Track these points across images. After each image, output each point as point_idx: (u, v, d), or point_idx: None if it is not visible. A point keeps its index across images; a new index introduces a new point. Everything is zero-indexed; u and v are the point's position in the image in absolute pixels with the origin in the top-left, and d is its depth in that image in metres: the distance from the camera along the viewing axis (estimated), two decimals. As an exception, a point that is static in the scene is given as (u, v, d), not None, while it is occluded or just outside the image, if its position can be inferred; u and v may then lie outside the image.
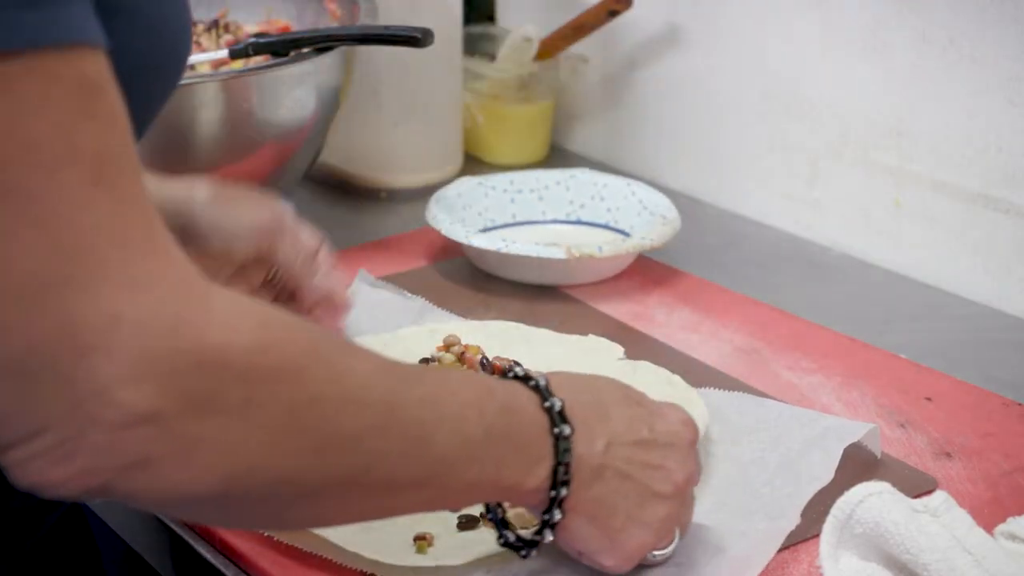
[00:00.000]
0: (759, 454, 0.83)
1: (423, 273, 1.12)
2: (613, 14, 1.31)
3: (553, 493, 0.64)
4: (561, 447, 0.64)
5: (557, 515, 0.65)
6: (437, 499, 0.62)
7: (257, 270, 0.86)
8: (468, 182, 1.18)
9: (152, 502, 0.54)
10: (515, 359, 0.87)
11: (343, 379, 0.56)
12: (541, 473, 0.63)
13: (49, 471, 0.50)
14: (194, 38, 1.25)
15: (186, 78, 1.04)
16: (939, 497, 0.73)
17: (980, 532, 0.72)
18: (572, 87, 1.43)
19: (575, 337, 0.93)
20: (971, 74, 1.08)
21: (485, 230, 1.16)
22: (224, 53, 1.09)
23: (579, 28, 1.34)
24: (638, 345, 1.01)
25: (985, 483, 0.84)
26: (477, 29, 1.45)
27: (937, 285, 1.13)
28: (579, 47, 1.38)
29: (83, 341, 0.48)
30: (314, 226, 1.25)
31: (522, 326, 0.96)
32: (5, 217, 0.47)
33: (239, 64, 1.10)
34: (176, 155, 1.02)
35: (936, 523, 0.71)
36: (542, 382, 0.65)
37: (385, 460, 0.57)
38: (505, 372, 0.66)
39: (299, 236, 0.87)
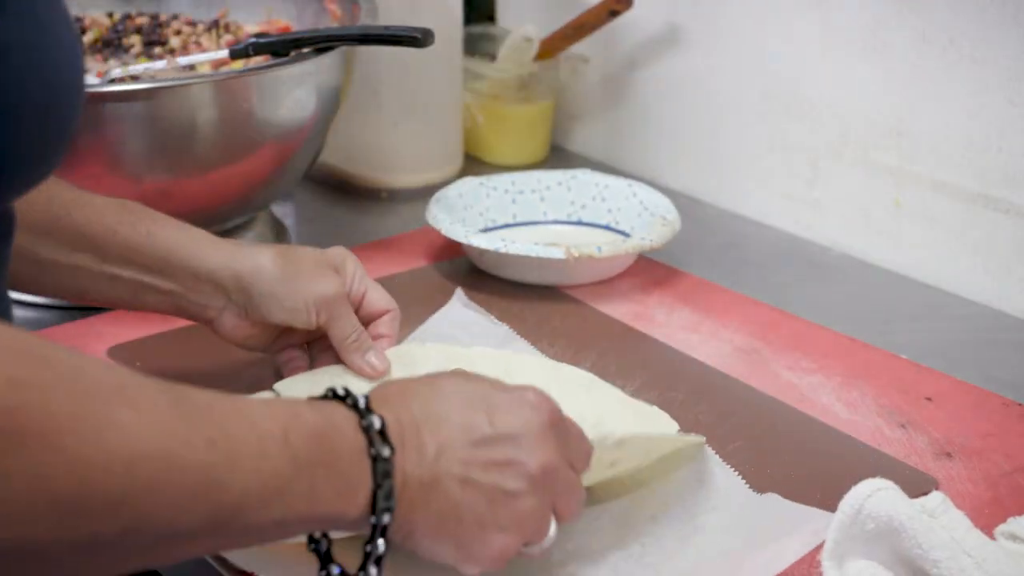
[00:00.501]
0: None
1: (423, 273, 1.12)
2: (614, 14, 1.31)
3: (374, 520, 0.58)
4: (380, 469, 0.58)
5: (380, 546, 0.59)
6: (238, 541, 0.57)
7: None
8: (469, 182, 1.18)
9: None
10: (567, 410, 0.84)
11: (107, 434, 0.49)
12: (361, 501, 0.58)
13: None
14: (194, 38, 1.25)
15: (186, 78, 1.04)
16: (936, 498, 0.73)
17: (978, 533, 0.72)
18: (572, 87, 1.43)
19: (639, 403, 0.87)
20: (971, 74, 1.08)
21: (486, 230, 1.16)
22: (224, 53, 1.09)
23: (579, 28, 1.34)
24: (639, 346, 1.01)
25: (986, 483, 0.84)
26: (477, 29, 1.45)
27: (937, 285, 1.13)
28: (579, 47, 1.38)
29: None
30: (314, 227, 1.26)
31: (595, 379, 0.89)
32: None
33: (239, 64, 1.10)
34: (176, 155, 1.02)
35: (936, 524, 0.71)
36: (361, 401, 0.59)
37: (161, 515, 0.51)
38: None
39: (367, 301, 0.88)
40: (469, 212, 1.16)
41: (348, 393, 0.60)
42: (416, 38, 1.06)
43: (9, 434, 0.46)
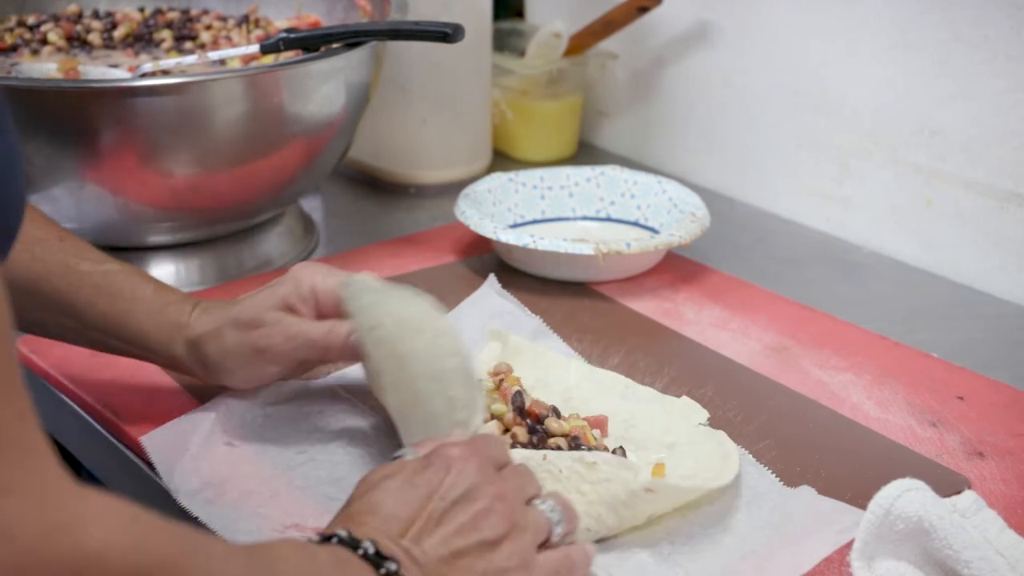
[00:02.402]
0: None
1: (452, 269, 1.12)
2: (642, 10, 1.31)
3: None
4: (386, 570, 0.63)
5: None
6: None
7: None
8: (498, 178, 1.18)
9: None
10: (600, 411, 0.87)
11: (211, 567, 0.54)
12: None
13: None
14: (224, 33, 1.25)
15: (216, 73, 1.04)
16: (968, 497, 0.73)
17: (1011, 533, 0.71)
18: (601, 83, 1.43)
19: (668, 397, 0.89)
20: (1004, 71, 1.07)
21: (514, 226, 1.16)
22: (255, 48, 1.10)
23: (608, 24, 1.34)
24: (668, 343, 1.00)
25: (1018, 483, 0.83)
26: (506, 25, 1.45)
27: (969, 284, 1.13)
28: (608, 43, 1.37)
29: None
30: (342, 221, 1.26)
31: (630, 382, 0.90)
32: None
33: (269, 59, 1.11)
34: (206, 150, 1.02)
35: (967, 523, 0.71)
36: (344, 534, 0.64)
37: None
38: (538, 419, 0.68)
39: (320, 305, 0.85)
40: (498, 208, 1.16)
41: (333, 534, 0.64)
42: (446, 34, 1.06)
43: (143, 567, 0.49)
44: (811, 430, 0.89)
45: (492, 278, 1.05)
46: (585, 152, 1.42)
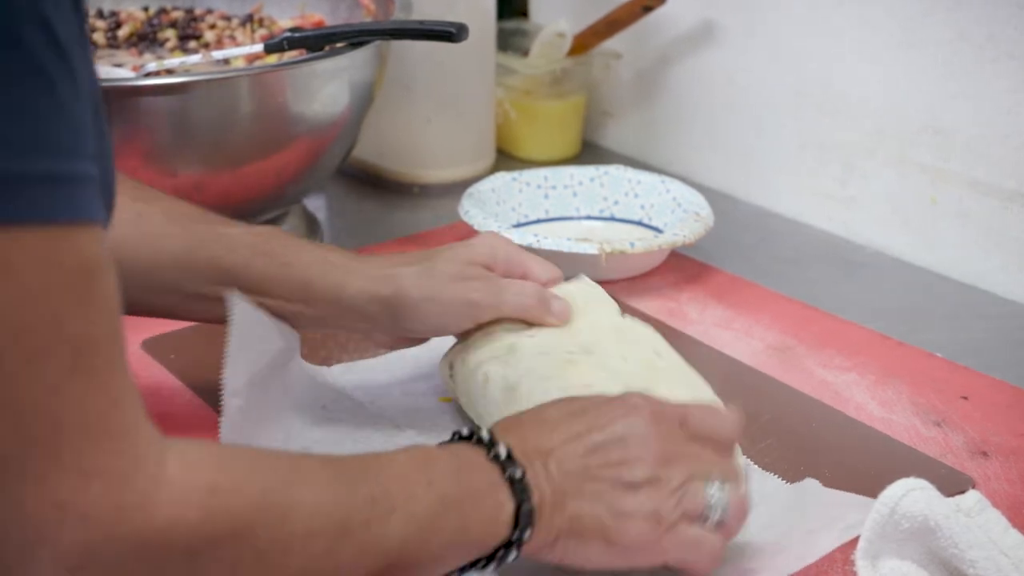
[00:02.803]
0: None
1: (455, 268, 1.12)
2: (647, 10, 1.31)
3: (516, 535, 0.64)
4: (517, 488, 0.64)
5: (511, 557, 0.64)
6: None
7: None
8: (502, 177, 1.18)
9: None
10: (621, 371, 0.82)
11: (291, 518, 0.56)
12: (505, 518, 0.64)
13: None
14: (228, 32, 1.25)
15: (221, 72, 1.04)
16: (972, 497, 0.73)
17: (1015, 533, 0.71)
18: (605, 83, 1.43)
19: (698, 381, 0.85)
20: (1009, 71, 1.07)
21: (518, 225, 1.16)
22: (259, 48, 1.10)
23: (612, 24, 1.34)
24: (671, 342, 1.00)
25: (1023, 483, 0.83)
26: (510, 24, 1.45)
27: (973, 283, 1.13)
28: (612, 43, 1.37)
29: (30, 533, 0.48)
30: (346, 221, 1.26)
31: (660, 345, 0.86)
32: None
33: (273, 58, 1.11)
34: (210, 149, 1.02)
35: (972, 523, 0.71)
36: (485, 435, 0.66)
37: (340, 572, 0.58)
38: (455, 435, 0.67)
39: (530, 278, 0.85)
40: (502, 207, 1.16)
41: (471, 433, 0.66)
42: (450, 33, 1.06)
43: (211, 538, 0.51)
44: (814, 430, 0.89)
45: None
46: (589, 152, 1.42)
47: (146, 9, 1.29)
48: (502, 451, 0.65)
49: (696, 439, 0.70)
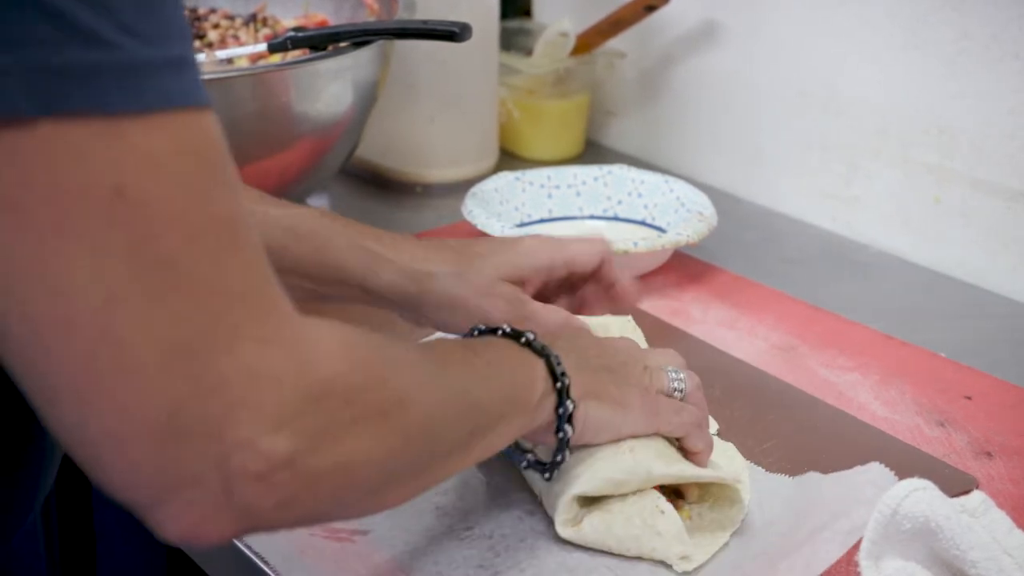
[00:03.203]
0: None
1: (459, 268, 1.12)
2: (650, 9, 1.31)
3: (559, 384, 0.71)
4: (543, 351, 0.71)
5: (569, 406, 0.71)
6: (489, 446, 0.68)
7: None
8: (505, 177, 1.18)
9: (280, 527, 0.57)
10: None
11: (415, 371, 0.61)
12: (541, 373, 0.71)
13: (197, 525, 0.52)
14: (232, 32, 1.25)
15: (224, 72, 1.04)
16: (977, 498, 0.72)
17: (1020, 534, 0.71)
18: (608, 82, 1.43)
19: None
20: (1013, 71, 1.07)
21: (521, 225, 1.16)
22: (262, 47, 1.10)
23: (616, 23, 1.34)
24: (675, 342, 1.00)
25: (1026, 483, 0.83)
26: (514, 24, 1.45)
27: (976, 283, 1.13)
28: (616, 42, 1.37)
29: (229, 398, 0.51)
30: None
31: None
32: (152, 285, 0.49)
33: (277, 58, 1.11)
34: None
35: (976, 524, 0.71)
36: (507, 328, 0.73)
37: (456, 425, 0.64)
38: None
39: (577, 267, 0.88)
40: (505, 207, 1.16)
41: (498, 327, 0.74)
42: (453, 33, 1.06)
43: (360, 386, 0.56)
44: (818, 430, 0.88)
45: None
46: (592, 151, 1.42)
47: (150, 8, 1.29)
48: (529, 335, 0.72)
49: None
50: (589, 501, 0.75)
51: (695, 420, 0.77)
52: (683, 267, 1.12)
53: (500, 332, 0.73)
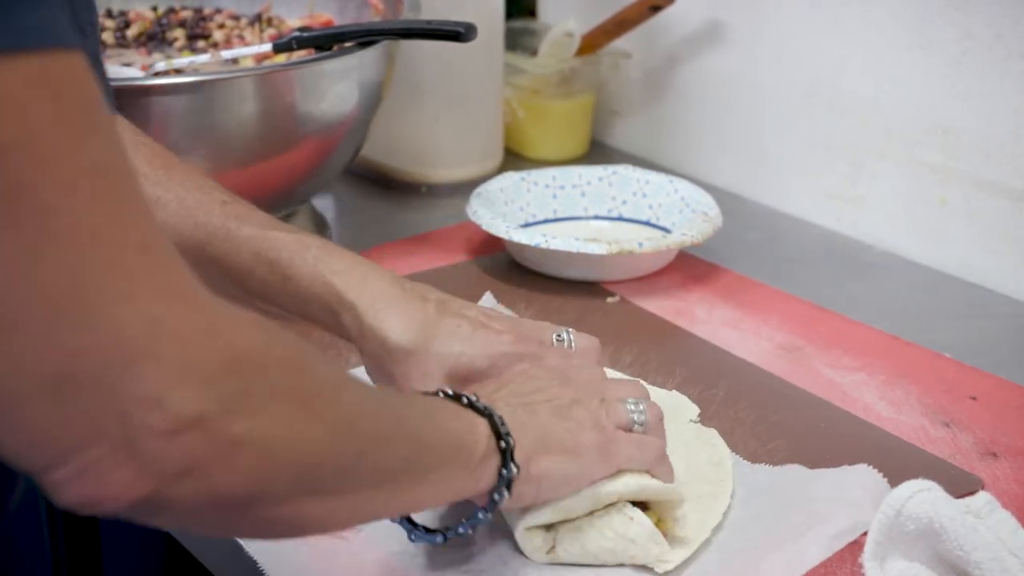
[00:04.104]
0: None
1: (463, 268, 1.12)
2: (655, 9, 1.31)
3: (503, 444, 0.67)
4: (485, 409, 0.68)
5: (513, 469, 0.68)
6: (428, 491, 0.65)
7: None
8: (510, 177, 1.18)
9: (192, 510, 0.53)
10: None
11: (332, 366, 0.59)
12: (483, 431, 0.67)
13: (95, 486, 0.49)
14: (237, 32, 1.25)
15: (229, 72, 1.04)
16: (982, 498, 0.73)
17: (1025, 535, 0.71)
18: (613, 82, 1.43)
19: (661, 391, 0.89)
20: (1018, 70, 1.07)
21: (526, 225, 1.16)
22: (267, 47, 1.10)
23: (621, 23, 1.34)
24: (679, 342, 1.00)
25: (1031, 484, 0.83)
26: (518, 24, 1.45)
27: (982, 283, 1.12)
28: (621, 42, 1.37)
29: (129, 349, 0.48)
30: (354, 220, 1.26)
31: (616, 373, 0.90)
32: (29, 235, 0.46)
33: (282, 58, 1.11)
34: (219, 148, 1.02)
35: (981, 524, 0.71)
36: (449, 391, 0.70)
37: (388, 447, 0.61)
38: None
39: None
40: (510, 207, 1.16)
41: (439, 390, 0.71)
42: (458, 33, 1.06)
43: (277, 361, 0.54)
44: (823, 430, 0.88)
45: (488, 295, 1.04)
46: (597, 151, 1.42)
47: (155, 9, 1.29)
48: (472, 397, 0.69)
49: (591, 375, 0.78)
50: (556, 524, 0.74)
51: (657, 454, 0.75)
52: (687, 267, 1.12)
53: (440, 393, 0.69)
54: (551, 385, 0.74)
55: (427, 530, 0.72)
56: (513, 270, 1.11)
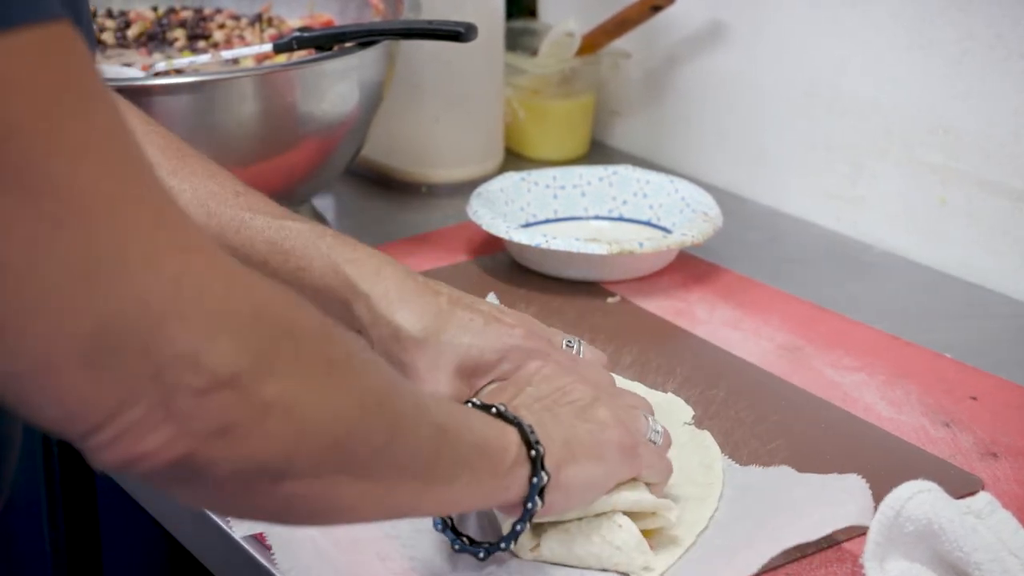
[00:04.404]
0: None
1: (463, 268, 1.12)
2: (655, 9, 1.31)
3: (534, 452, 0.67)
4: (515, 419, 0.68)
5: (544, 477, 0.67)
6: (458, 493, 0.64)
7: None
8: (511, 177, 1.18)
9: (227, 477, 0.53)
10: None
11: (356, 343, 0.58)
12: (513, 438, 0.67)
13: (134, 446, 0.50)
14: (237, 32, 1.26)
15: (230, 72, 1.04)
16: (983, 499, 0.72)
17: (1026, 535, 0.71)
18: (614, 82, 1.43)
19: (658, 393, 0.90)
20: (1018, 71, 1.07)
21: (526, 225, 1.16)
22: (268, 47, 1.10)
23: (621, 23, 1.34)
24: (680, 342, 1.00)
25: (1032, 484, 0.83)
26: (519, 24, 1.45)
27: (982, 283, 1.12)
28: (621, 42, 1.37)
29: (156, 309, 0.48)
30: (354, 220, 1.26)
31: (617, 377, 0.88)
32: (47, 209, 0.47)
33: (283, 58, 1.11)
34: (219, 148, 1.02)
35: (982, 525, 0.71)
36: (477, 402, 0.70)
37: (419, 433, 0.60)
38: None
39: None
40: (510, 207, 1.16)
41: (468, 400, 0.71)
42: (459, 33, 1.06)
43: (304, 325, 0.54)
44: (823, 430, 0.88)
45: (492, 296, 1.05)
46: (597, 151, 1.42)
47: (155, 9, 1.29)
48: (500, 407, 0.69)
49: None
50: (544, 523, 0.74)
51: (669, 471, 0.76)
52: (688, 267, 1.12)
53: (470, 404, 0.69)
54: (570, 384, 0.74)
55: (472, 541, 0.72)
56: (513, 270, 1.11)
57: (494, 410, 0.68)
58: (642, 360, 0.97)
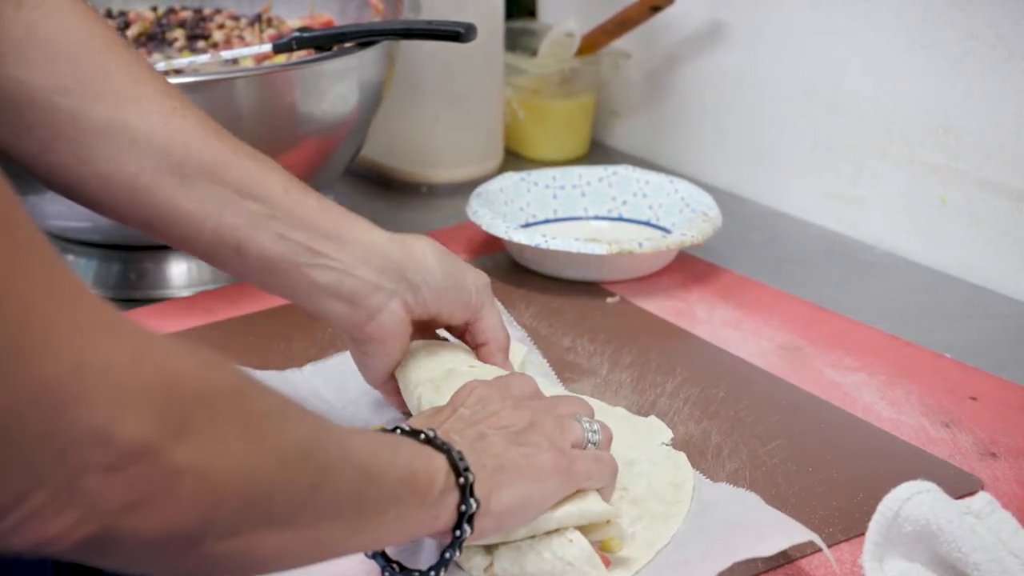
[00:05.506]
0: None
1: (464, 268, 1.12)
2: (655, 10, 1.31)
3: (463, 480, 0.67)
4: (443, 445, 0.68)
5: (473, 504, 0.67)
6: (389, 527, 0.64)
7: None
8: (510, 177, 1.18)
9: (143, 547, 0.51)
10: None
11: (274, 394, 0.57)
12: (441, 466, 0.67)
13: (41, 531, 0.49)
14: (237, 32, 1.25)
15: (229, 72, 1.04)
16: (983, 499, 0.72)
17: (1025, 535, 0.71)
18: (613, 83, 1.43)
19: (639, 418, 0.87)
20: (1019, 71, 1.07)
21: (526, 225, 1.16)
22: (267, 47, 1.10)
23: (621, 23, 1.34)
24: (680, 343, 1.00)
25: (1031, 484, 0.83)
26: (518, 24, 1.45)
27: (982, 284, 1.12)
28: (621, 43, 1.37)
29: (57, 394, 0.47)
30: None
31: (596, 402, 0.88)
32: None
33: (282, 58, 1.11)
34: (219, 149, 1.02)
35: (981, 525, 0.71)
36: (406, 427, 0.70)
37: (342, 478, 0.59)
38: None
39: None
40: (510, 207, 1.16)
41: (396, 427, 0.70)
42: (459, 33, 1.06)
43: (216, 388, 0.53)
44: (823, 430, 0.88)
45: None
46: (597, 151, 1.42)
47: (155, 9, 1.29)
48: (429, 432, 0.69)
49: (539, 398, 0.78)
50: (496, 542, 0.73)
51: (613, 469, 0.75)
52: (688, 267, 1.12)
53: (398, 430, 0.69)
54: (504, 409, 0.74)
55: (401, 568, 0.72)
56: (513, 270, 1.11)
57: (423, 436, 0.68)
58: (642, 360, 0.97)
